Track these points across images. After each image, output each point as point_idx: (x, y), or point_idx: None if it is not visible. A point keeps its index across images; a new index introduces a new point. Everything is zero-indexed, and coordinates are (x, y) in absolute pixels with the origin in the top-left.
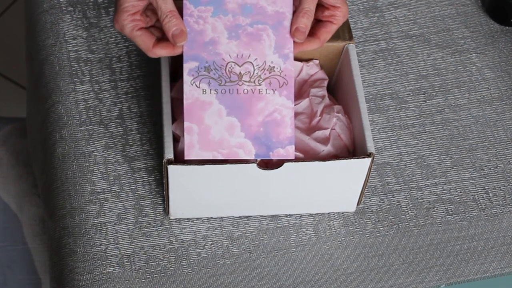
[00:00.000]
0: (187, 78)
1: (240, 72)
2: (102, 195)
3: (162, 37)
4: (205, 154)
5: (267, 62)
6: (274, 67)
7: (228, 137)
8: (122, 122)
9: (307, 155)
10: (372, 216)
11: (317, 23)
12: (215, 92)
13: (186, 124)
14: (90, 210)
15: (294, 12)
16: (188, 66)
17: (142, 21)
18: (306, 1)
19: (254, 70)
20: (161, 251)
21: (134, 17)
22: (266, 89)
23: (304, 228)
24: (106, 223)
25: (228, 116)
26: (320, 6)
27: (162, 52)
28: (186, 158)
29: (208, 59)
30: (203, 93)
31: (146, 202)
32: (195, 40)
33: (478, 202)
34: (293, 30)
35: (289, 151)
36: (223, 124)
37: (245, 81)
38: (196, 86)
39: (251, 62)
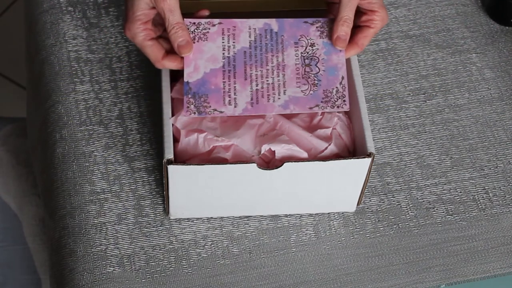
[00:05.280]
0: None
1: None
2: (102, 195)
3: (170, 50)
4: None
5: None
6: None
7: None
8: (122, 122)
9: (309, 153)
10: (372, 216)
11: (355, 29)
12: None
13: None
14: (90, 210)
15: (334, 20)
16: None
17: (153, 30)
18: (345, 9)
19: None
20: (161, 251)
21: (146, 26)
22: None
23: (304, 228)
24: (106, 223)
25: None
26: (357, 12)
27: (170, 64)
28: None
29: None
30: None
31: (146, 202)
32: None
33: (478, 202)
34: (334, 38)
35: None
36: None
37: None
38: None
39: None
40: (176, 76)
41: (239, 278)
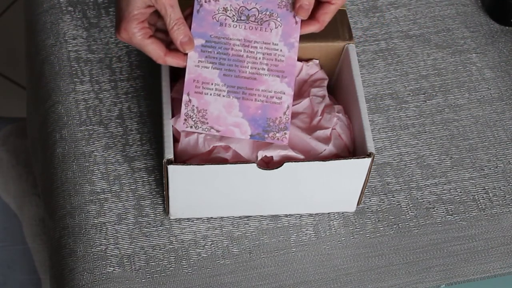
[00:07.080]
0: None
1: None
2: (102, 195)
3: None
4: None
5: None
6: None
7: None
8: (122, 122)
9: (308, 155)
10: (372, 216)
11: (316, 5)
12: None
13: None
14: (90, 210)
15: None
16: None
17: (150, 28)
18: None
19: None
20: (161, 251)
21: (143, 24)
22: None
23: (304, 228)
24: (106, 223)
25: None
26: None
27: (173, 61)
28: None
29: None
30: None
31: (146, 202)
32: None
33: (478, 202)
34: (296, 7)
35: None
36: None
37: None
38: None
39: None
40: (176, 76)
41: (239, 278)
